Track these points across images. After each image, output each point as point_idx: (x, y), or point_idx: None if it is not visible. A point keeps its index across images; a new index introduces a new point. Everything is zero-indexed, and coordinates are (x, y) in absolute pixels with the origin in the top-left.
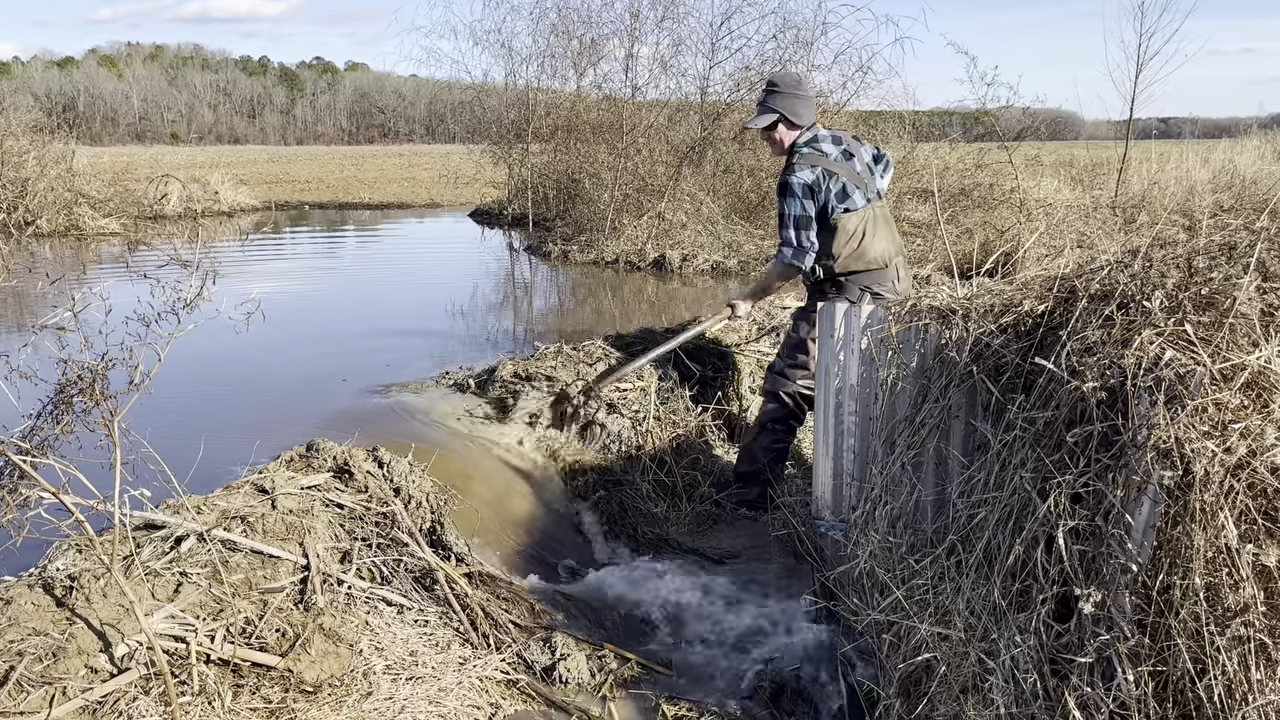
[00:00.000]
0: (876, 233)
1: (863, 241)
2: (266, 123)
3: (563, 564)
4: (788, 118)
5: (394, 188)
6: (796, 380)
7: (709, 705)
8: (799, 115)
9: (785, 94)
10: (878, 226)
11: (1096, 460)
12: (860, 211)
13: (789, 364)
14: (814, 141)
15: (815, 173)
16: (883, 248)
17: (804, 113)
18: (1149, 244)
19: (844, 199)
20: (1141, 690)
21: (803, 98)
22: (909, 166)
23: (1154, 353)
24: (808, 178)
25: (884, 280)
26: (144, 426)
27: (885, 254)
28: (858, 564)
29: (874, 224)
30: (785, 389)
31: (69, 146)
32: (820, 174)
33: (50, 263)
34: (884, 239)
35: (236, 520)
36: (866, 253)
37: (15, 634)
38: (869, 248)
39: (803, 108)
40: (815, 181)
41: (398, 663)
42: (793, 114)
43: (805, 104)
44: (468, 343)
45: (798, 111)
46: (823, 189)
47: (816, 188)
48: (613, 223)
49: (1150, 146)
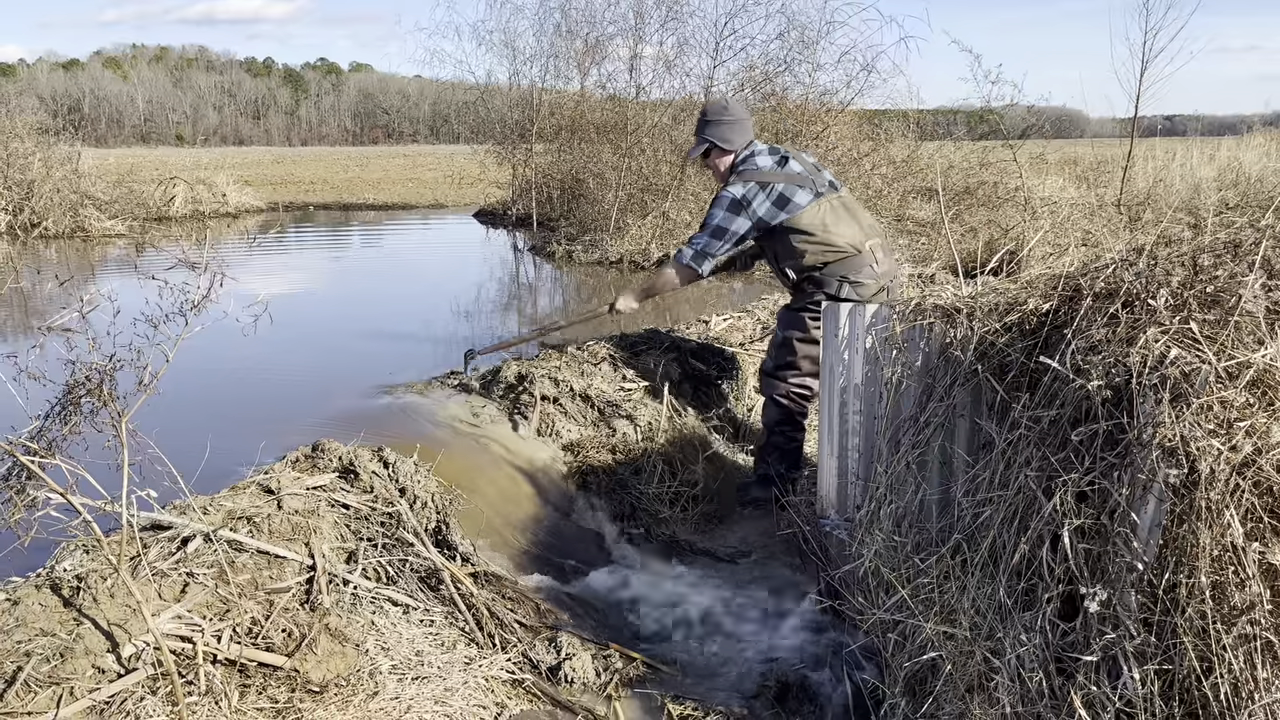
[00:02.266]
0: (839, 221)
1: (825, 232)
2: (271, 124)
3: (568, 564)
4: (717, 144)
5: (398, 188)
6: (789, 380)
7: (714, 705)
8: (728, 140)
9: (713, 122)
10: (839, 215)
11: (1102, 459)
12: (810, 208)
13: (777, 365)
14: (750, 158)
15: (746, 187)
16: (849, 234)
17: (734, 137)
18: (1154, 242)
19: (784, 204)
20: (1148, 689)
21: (730, 122)
22: (913, 165)
23: (1159, 351)
24: (736, 192)
25: (859, 266)
26: (151, 427)
27: (854, 240)
28: (863, 563)
29: (834, 213)
30: (778, 391)
31: (74, 148)
32: (750, 188)
33: (57, 265)
34: (848, 226)
35: (243, 521)
36: (833, 242)
37: (23, 634)
38: (834, 238)
39: (732, 132)
40: (743, 197)
41: (403, 662)
42: (722, 140)
43: (734, 127)
44: (472, 343)
45: (727, 137)
46: (755, 202)
47: (744, 203)
48: (617, 223)
49: (1155, 144)
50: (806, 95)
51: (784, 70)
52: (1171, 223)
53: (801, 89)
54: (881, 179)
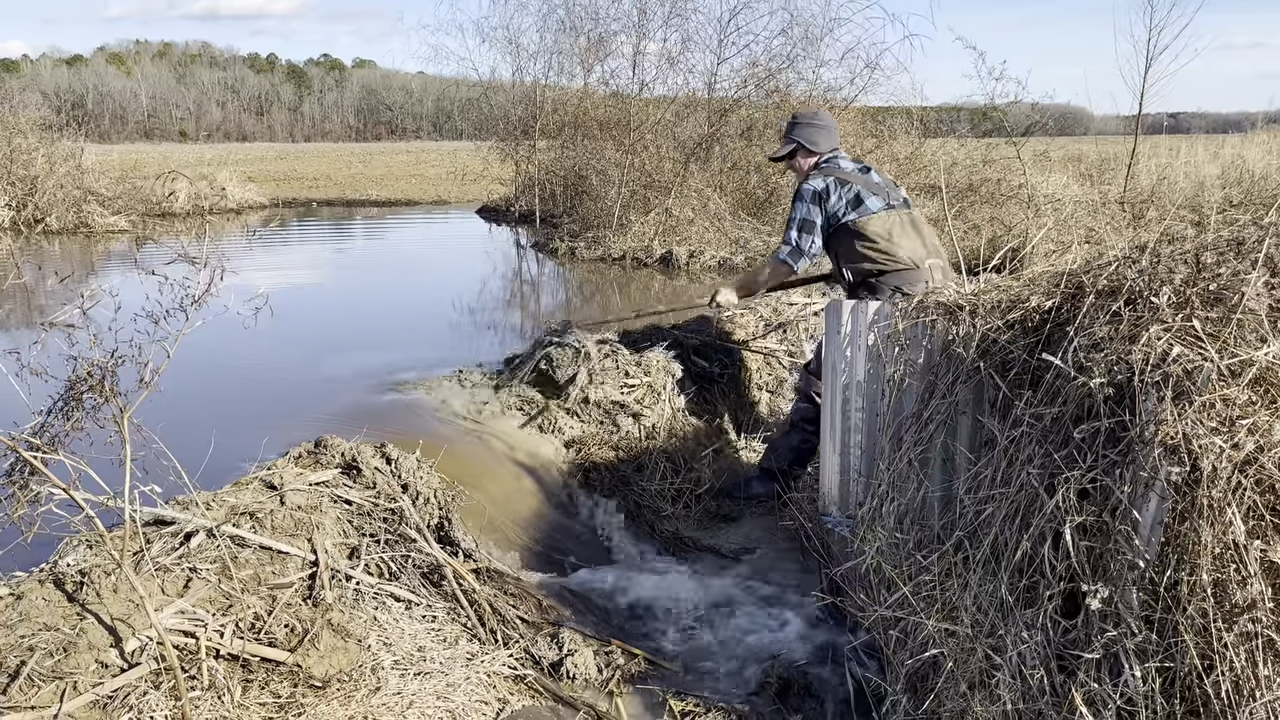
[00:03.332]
0: (905, 235)
1: (890, 242)
2: (274, 120)
3: (570, 560)
4: (804, 145)
5: (401, 185)
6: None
7: (716, 701)
8: (815, 143)
9: (803, 125)
10: (905, 229)
11: (1104, 456)
12: (882, 215)
13: (820, 363)
14: (833, 159)
15: (826, 181)
16: (912, 249)
17: (821, 140)
18: (1157, 240)
19: (857, 205)
20: (1149, 686)
21: (819, 127)
22: (916, 163)
23: (1161, 348)
24: (818, 185)
25: (915, 281)
26: (154, 423)
27: (915, 255)
28: (865, 560)
29: (901, 226)
30: (816, 389)
31: (78, 144)
32: (831, 182)
33: (59, 260)
34: (913, 241)
35: (245, 516)
36: (895, 253)
37: (26, 629)
38: (897, 249)
39: (819, 136)
40: (825, 189)
41: (406, 658)
42: (809, 142)
43: (822, 133)
44: (475, 339)
45: (814, 140)
46: (833, 196)
47: (826, 195)
48: (620, 219)
49: (1159, 142)
50: (810, 92)
51: (787, 67)
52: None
53: (805, 85)
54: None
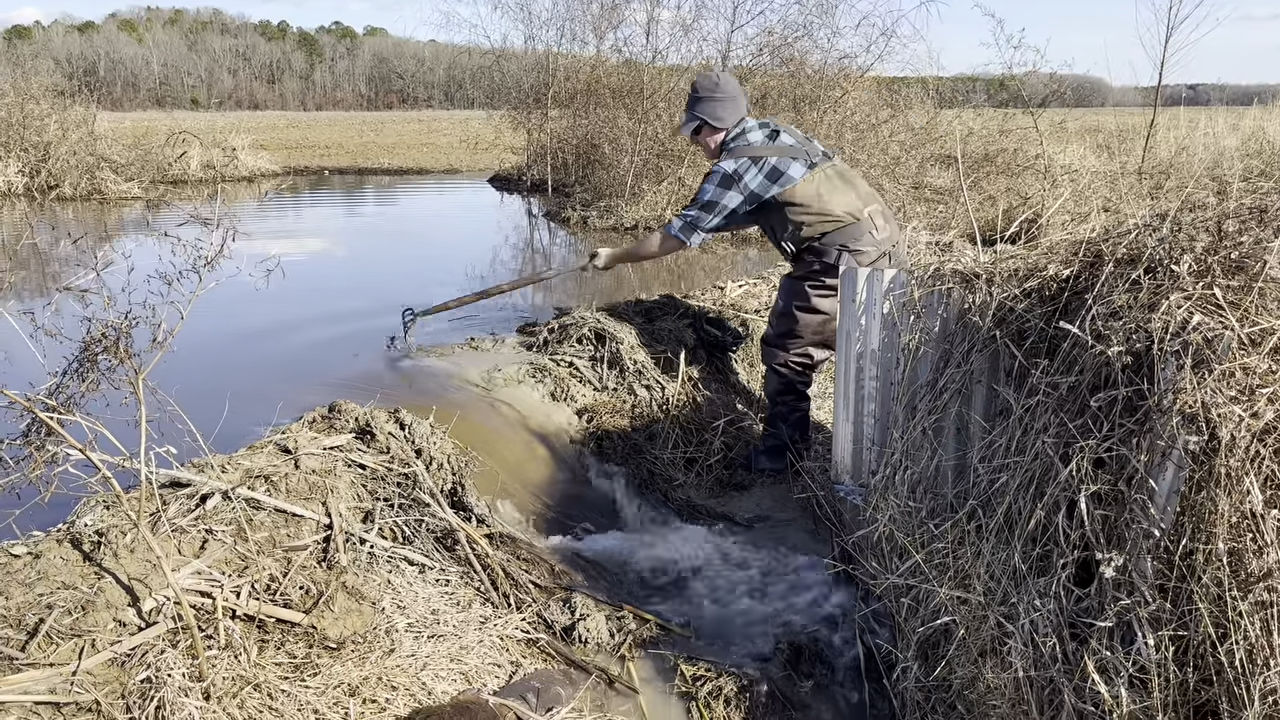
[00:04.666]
0: (834, 190)
1: (821, 202)
2: (286, 88)
3: (582, 527)
4: (709, 122)
5: (413, 153)
6: (790, 349)
7: (727, 666)
8: (720, 119)
9: (704, 99)
10: (834, 184)
11: (1120, 425)
12: (807, 178)
13: (779, 333)
14: (740, 135)
15: (737, 163)
16: (845, 202)
17: (725, 114)
18: (1178, 208)
19: (777, 177)
20: (1162, 654)
21: (721, 99)
22: (931, 133)
23: (1181, 317)
24: (727, 167)
25: (859, 234)
26: (167, 386)
27: (851, 208)
28: (877, 528)
29: (829, 183)
30: (778, 360)
31: (90, 111)
32: (743, 164)
33: (74, 225)
34: (844, 195)
35: (260, 479)
36: (830, 212)
37: (45, 587)
38: (831, 207)
39: (723, 109)
40: (735, 171)
41: (419, 621)
42: (713, 118)
43: (725, 105)
44: (487, 308)
45: (718, 115)
46: (747, 176)
47: (736, 177)
48: (632, 188)
49: (1178, 113)
50: (825, 60)
51: (802, 35)
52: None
53: (820, 54)
54: (900, 146)
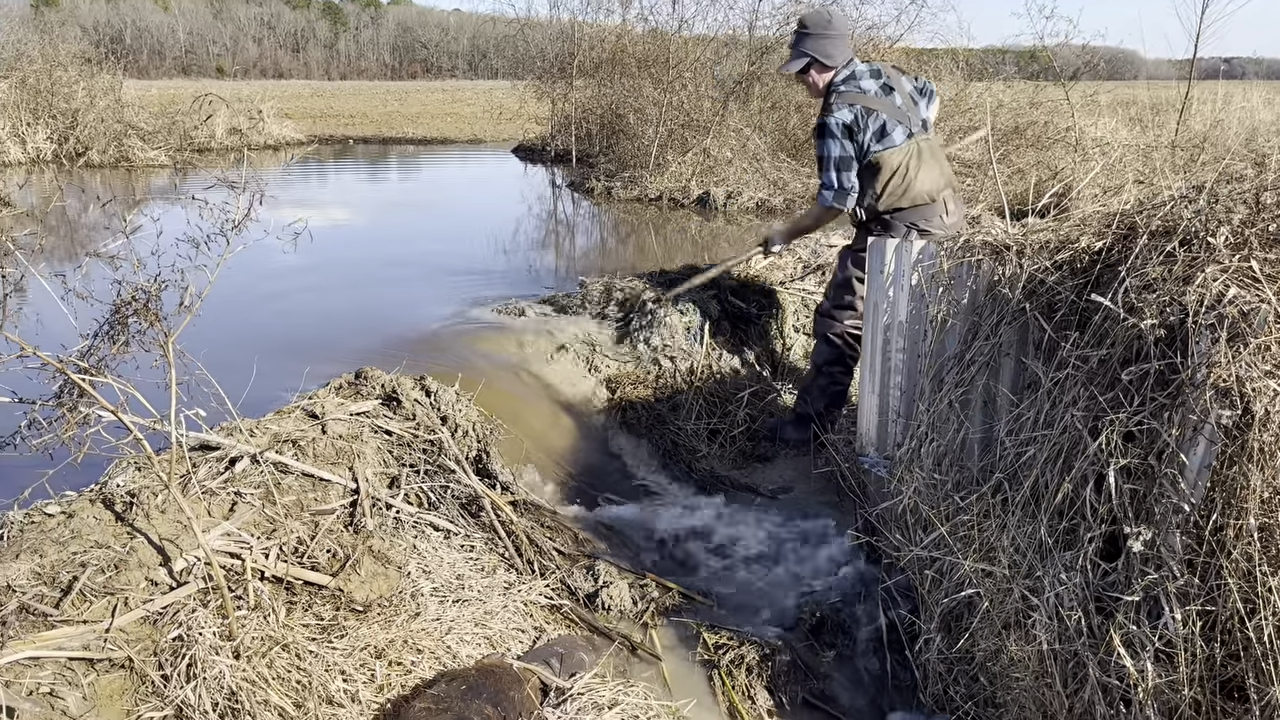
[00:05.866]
0: (922, 167)
1: (907, 177)
2: (310, 57)
3: (606, 496)
4: (819, 60)
5: (437, 123)
6: (844, 321)
7: (750, 635)
8: (830, 56)
9: (815, 35)
10: (923, 161)
11: (1152, 399)
12: (902, 147)
13: (835, 305)
14: (851, 79)
15: (854, 111)
16: (930, 182)
17: (836, 52)
18: (1214, 179)
19: (882, 137)
20: (1189, 629)
21: (833, 36)
22: (961, 104)
23: (1217, 290)
24: (845, 118)
25: (931, 215)
26: (195, 350)
27: (933, 188)
28: (901, 501)
29: (918, 159)
30: (833, 330)
31: (117, 78)
32: (859, 112)
33: (102, 191)
34: (931, 173)
35: (288, 444)
36: (911, 188)
37: (78, 546)
38: (914, 184)
39: (834, 47)
40: (854, 121)
41: (444, 585)
42: (824, 55)
43: (836, 43)
44: (511, 278)
45: (828, 52)
46: (861, 128)
47: (855, 127)
48: (657, 159)
49: (1213, 87)
50: (853, 30)
51: (831, 3)
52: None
53: (849, 24)
54: None
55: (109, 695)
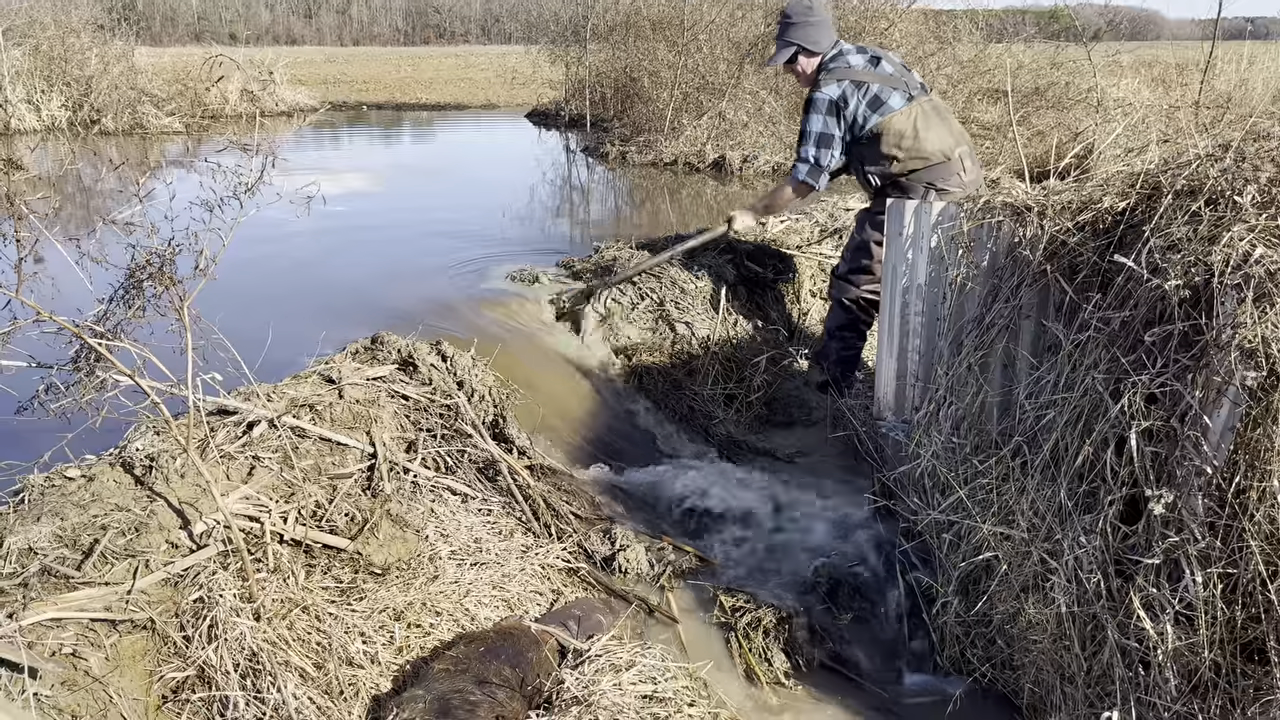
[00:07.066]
0: (930, 126)
1: (917, 139)
2: (323, 23)
3: (623, 460)
4: (805, 47)
5: (450, 88)
6: (861, 285)
7: (766, 598)
8: (816, 42)
9: (798, 23)
10: (930, 120)
11: (1175, 361)
12: (904, 111)
13: (852, 268)
14: (839, 57)
15: (841, 86)
16: (940, 140)
17: (821, 37)
18: (1241, 138)
19: (878, 106)
20: (1210, 592)
21: (816, 23)
22: (979, 66)
23: (1243, 250)
24: (833, 92)
25: (947, 174)
26: (211, 315)
27: (944, 146)
28: (919, 464)
29: (925, 118)
30: (848, 295)
31: (130, 45)
32: (847, 87)
33: (117, 158)
34: (939, 131)
35: (305, 408)
36: (923, 148)
37: (99, 509)
38: (925, 143)
39: (818, 33)
40: (841, 96)
41: (462, 549)
42: (809, 42)
43: (820, 28)
44: (526, 243)
45: (814, 39)
46: (851, 103)
47: (843, 103)
48: (672, 123)
49: (1237, 48)
50: None
51: None
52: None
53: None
54: (947, 80)
55: (131, 656)
